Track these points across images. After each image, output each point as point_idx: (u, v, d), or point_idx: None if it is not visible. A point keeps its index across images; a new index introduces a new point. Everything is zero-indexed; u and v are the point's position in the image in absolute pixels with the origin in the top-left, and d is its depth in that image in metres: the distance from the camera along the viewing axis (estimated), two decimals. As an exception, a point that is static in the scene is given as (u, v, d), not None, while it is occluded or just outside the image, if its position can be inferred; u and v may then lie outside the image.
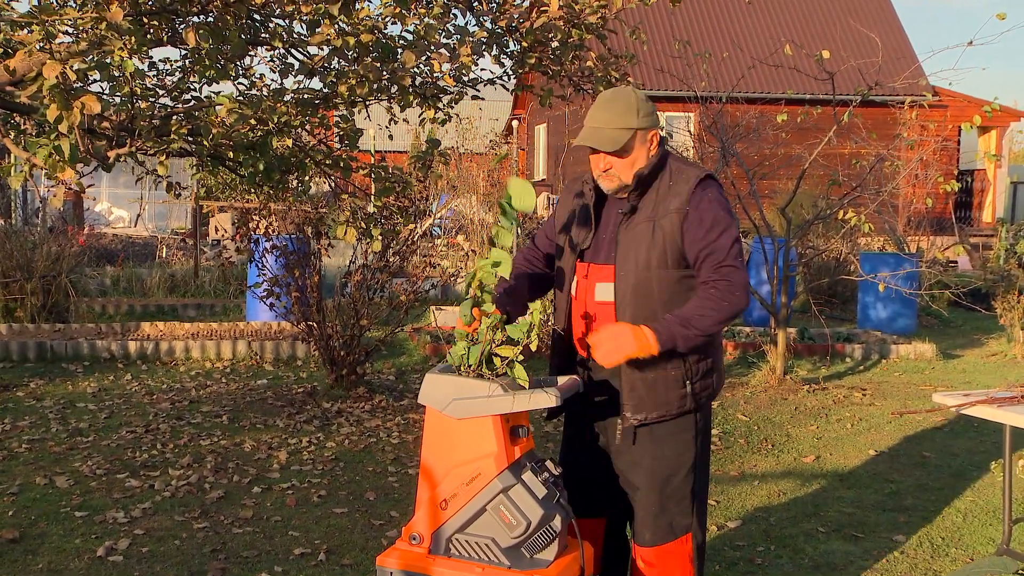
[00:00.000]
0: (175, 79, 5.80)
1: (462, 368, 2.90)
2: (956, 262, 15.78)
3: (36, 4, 3.86)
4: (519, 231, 3.31)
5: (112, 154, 4.27)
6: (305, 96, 5.21)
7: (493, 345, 2.85)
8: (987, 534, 4.66)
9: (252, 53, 5.31)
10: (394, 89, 5.02)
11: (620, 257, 2.99)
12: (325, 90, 5.21)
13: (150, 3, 4.31)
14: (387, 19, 4.80)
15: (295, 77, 5.26)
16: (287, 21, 5.08)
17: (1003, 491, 4.15)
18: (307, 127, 5.48)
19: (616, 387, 3.06)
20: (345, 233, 5.27)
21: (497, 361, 2.86)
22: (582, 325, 3.09)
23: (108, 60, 3.99)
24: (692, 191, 2.98)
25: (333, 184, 6.03)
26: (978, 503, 5.11)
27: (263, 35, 5.15)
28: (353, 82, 4.74)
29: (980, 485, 5.41)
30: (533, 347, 2.81)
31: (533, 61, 5.61)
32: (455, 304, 11.27)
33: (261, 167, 5.02)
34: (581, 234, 3.10)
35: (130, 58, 3.98)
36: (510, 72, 5.88)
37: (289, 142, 5.12)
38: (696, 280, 2.99)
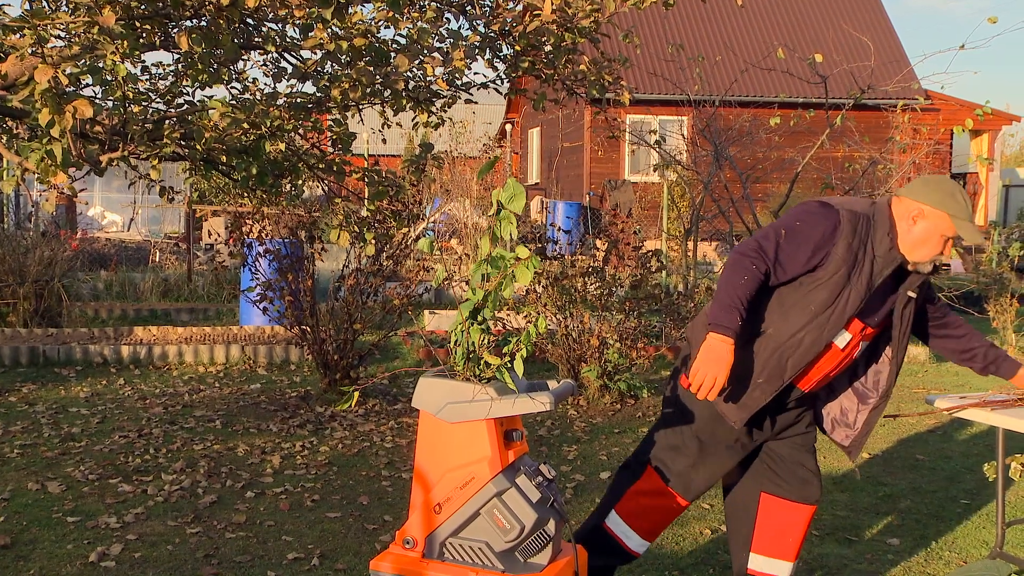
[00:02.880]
0: (168, 83, 5.79)
1: (456, 371, 2.90)
2: (948, 265, 15.78)
3: (28, 8, 3.85)
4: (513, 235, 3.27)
5: (104, 158, 4.26)
6: (298, 100, 5.21)
7: (482, 349, 2.85)
8: (981, 537, 4.67)
9: (245, 57, 5.31)
10: (387, 93, 5.01)
11: (898, 333, 3.32)
12: (318, 94, 5.21)
13: (142, 7, 4.31)
14: (380, 23, 4.80)
15: (288, 81, 5.26)
16: (280, 25, 5.08)
17: (997, 494, 4.16)
18: (300, 131, 5.48)
19: (809, 402, 3.49)
20: (338, 237, 5.27)
21: (490, 360, 2.85)
22: (825, 370, 3.32)
23: (100, 64, 3.98)
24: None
25: (326, 188, 6.03)
26: (972, 506, 5.12)
27: (256, 39, 5.15)
28: (346, 86, 4.74)
29: (974, 488, 5.42)
30: (523, 355, 2.81)
31: (526, 65, 5.62)
32: (449, 308, 11.26)
33: (254, 171, 5.01)
34: (865, 291, 3.19)
35: (122, 62, 3.98)
36: (503, 76, 5.88)
37: (282, 146, 5.12)
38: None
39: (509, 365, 2.85)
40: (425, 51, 4.72)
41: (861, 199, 3.39)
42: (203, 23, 4.61)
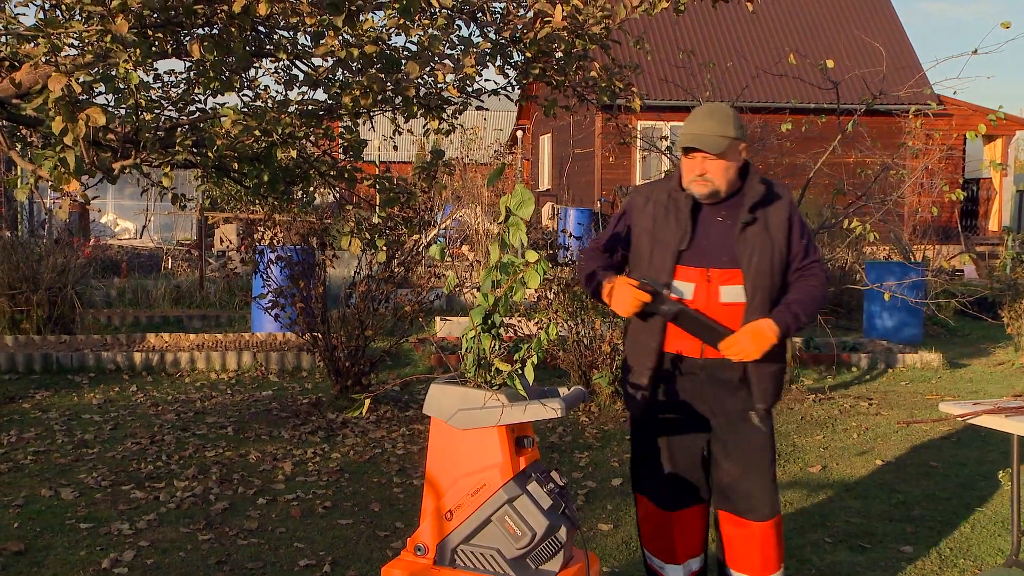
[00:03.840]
0: (180, 91, 5.81)
1: (467, 377, 2.89)
2: (962, 271, 15.75)
3: (42, 17, 3.87)
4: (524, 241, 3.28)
5: (117, 166, 4.28)
6: (309, 107, 5.22)
7: (493, 355, 2.85)
8: (995, 545, 4.64)
9: (256, 65, 5.32)
10: (398, 100, 5.02)
11: (746, 262, 3.28)
12: (329, 101, 5.22)
13: (155, 16, 4.32)
14: (391, 30, 4.81)
15: (299, 88, 5.27)
16: (291, 33, 5.09)
17: (1011, 501, 4.13)
18: (311, 138, 5.49)
19: (736, 380, 3.34)
20: (349, 244, 5.27)
21: (501, 367, 2.85)
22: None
23: (113, 72, 3.99)
24: (790, 202, 3.40)
25: (338, 195, 6.04)
26: (986, 513, 5.08)
27: (267, 47, 5.16)
28: (357, 93, 4.74)
29: (988, 495, 5.39)
30: (534, 361, 2.81)
31: (537, 71, 5.61)
32: (460, 314, 11.26)
33: (266, 178, 5.02)
34: (677, 238, 3.32)
35: (135, 70, 3.99)
36: (514, 82, 5.88)
37: (294, 153, 5.12)
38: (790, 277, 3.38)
39: (520, 372, 2.84)
40: (436, 58, 4.72)
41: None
42: (215, 31, 4.63)
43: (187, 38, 4.66)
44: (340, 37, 4.56)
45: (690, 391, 3.38)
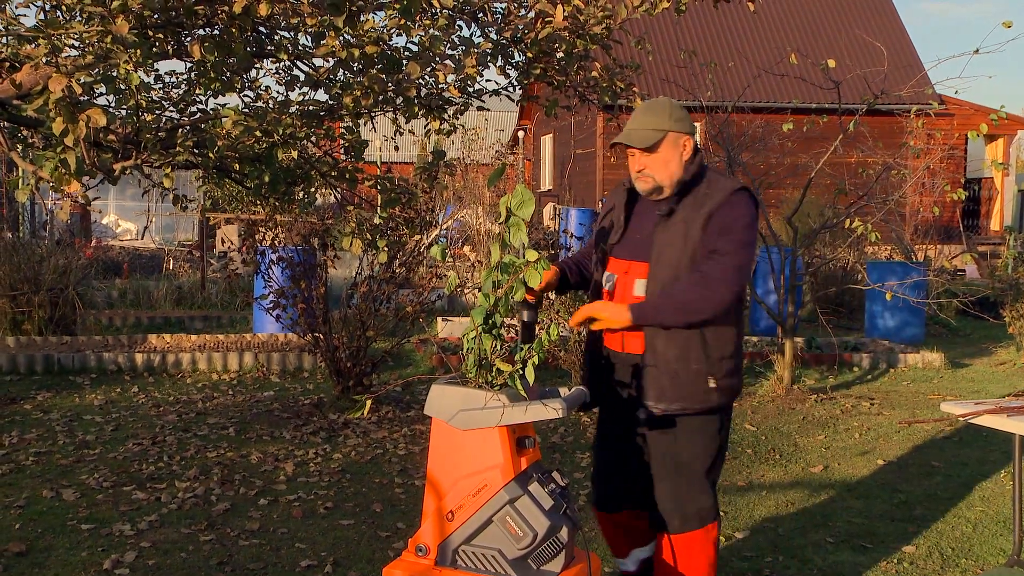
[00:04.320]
0: (181, 92, 5.81)
1: (468, 378, 2.89)
2: (964, 270, 15.73)
3: (43, 18, 3.87)
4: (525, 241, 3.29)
5: (118, 167, 4.28)
6: (310, 108, 5.21)
7: (494, 356, 2.85)
8: (997, 544, 4.63)
9: (257, 65, 5.32)
10: (399, 100, 5.02)
11: (654, 256, 3.21)
12: (330, 102, 5.22)
13: (155, 16, 4.32)
14: (392, 31, 4.81)
15: (300, 89, 5.27)
16: (292, 33, 5.09)
17: (1013, 501, 4.12)
18: (312, 139, 5.49)
19: (635, 372, 3.25)
20: (351, 244, 5.27)
21: (502, 368, 2.85)
22: None
23: (114, 73, 4.00)
24: (725, 199, 3.20)
25: (339, 195, 6.03)
26: (988, 513, 5.08)
27: (268, 47, 5.16)
28: (358, 94, 4.74)
29: (990, 495, 5.38)
30: (535, 362, 2.81)
31: (538, 72, 5.61)
32: (462, 315, 11.26)
33: (267, 179, 5.02)
34: (610, 231, 3.38)
35: (136, 71, 3.99)
36: (515, 83, 5.88)
37: (295, 154, 5.12)
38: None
39: (521, 372, 2.84)
40: (437, 58, 4.72)
41: None
42: (215, 32, 4.63)
43: (188, 39, 4.66)
44: (341, 38, 4.56)
45: (618, 386, 3.34)
